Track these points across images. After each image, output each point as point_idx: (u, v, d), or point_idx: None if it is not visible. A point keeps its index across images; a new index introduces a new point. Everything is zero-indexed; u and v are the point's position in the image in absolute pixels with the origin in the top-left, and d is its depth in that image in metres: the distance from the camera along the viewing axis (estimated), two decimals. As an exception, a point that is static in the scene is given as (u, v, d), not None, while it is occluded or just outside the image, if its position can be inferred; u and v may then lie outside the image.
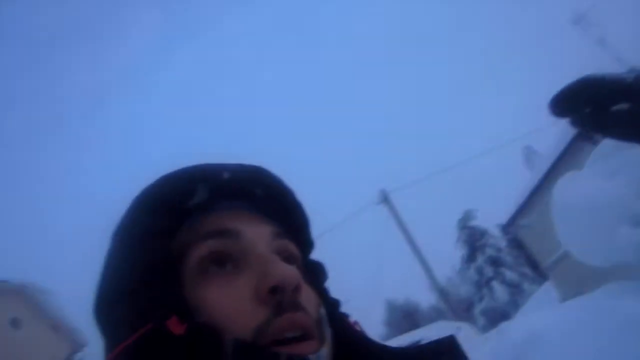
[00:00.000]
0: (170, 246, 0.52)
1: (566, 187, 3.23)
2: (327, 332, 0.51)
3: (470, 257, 15.42)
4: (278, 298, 0.47)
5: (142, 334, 0.45)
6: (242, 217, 0.54)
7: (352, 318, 0.58)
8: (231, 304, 0.47)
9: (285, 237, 0.56)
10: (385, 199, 17.12)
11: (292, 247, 0.56)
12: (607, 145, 2.61)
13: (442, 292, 16.23)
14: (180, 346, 0.44)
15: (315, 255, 0.63)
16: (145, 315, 0.46)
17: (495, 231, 15.78)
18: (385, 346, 0.54)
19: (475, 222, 15.81)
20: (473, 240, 15.44)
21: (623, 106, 0.59)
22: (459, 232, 15.92)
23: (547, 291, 14.58)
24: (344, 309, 0.59)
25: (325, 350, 0.48)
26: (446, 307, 16.03)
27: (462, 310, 16.39)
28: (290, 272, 0.48)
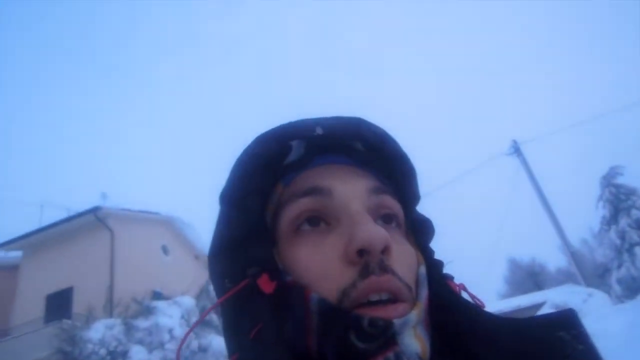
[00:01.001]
0: (267, 206, 0.53)
1: None
2: (423, 294, 0.49)
3: (612, 219, 13.78)
4: (366, 259, 0.45)
5: (237, 290, 0.48)
6: (338, 173, 0.53)
7: (457, 281, 0.54)
8: (320, 263, 0.47)
9: (384, 192, 0.53)
10: (516, 150, 16.03)
11: (391, 203, 0.53)
12: None
13: (574, 254, 14.97)
14: (268, 304, 0.46)
15: (437, 205, 0.59)
16: (240, 273, 0.49)
17: (646, 191, 13.79)
18: (490, 314, 0.50)
19: (622, 180, 13.94)
20: (617, 200, 13.71)
21: None
22: (601, 190, 14.20)
23: None
24: (449, 269, 0.56)
25: (415, 314, 0.45)
26: (577, 271, 14.79)
27: (596, 276, 14.96)
28: (378, 234, 0.45)
